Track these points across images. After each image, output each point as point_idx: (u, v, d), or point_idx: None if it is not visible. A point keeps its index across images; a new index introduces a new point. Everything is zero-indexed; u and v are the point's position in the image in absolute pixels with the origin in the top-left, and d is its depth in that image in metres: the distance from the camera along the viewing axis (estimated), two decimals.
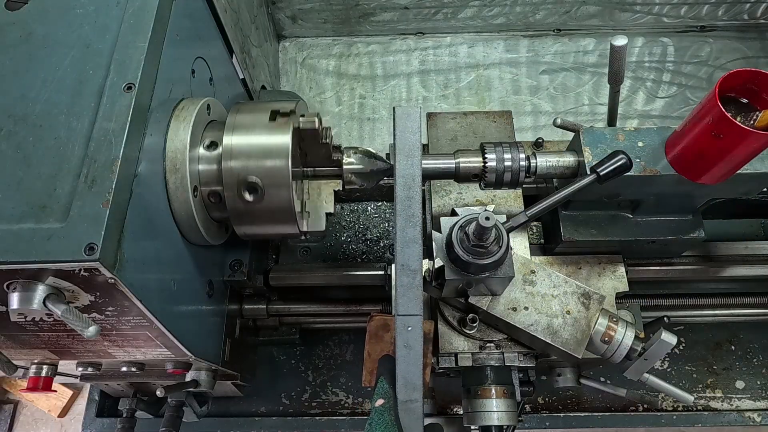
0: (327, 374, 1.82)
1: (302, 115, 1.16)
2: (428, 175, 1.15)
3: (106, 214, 0.85)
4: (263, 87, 1.92)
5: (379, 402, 0.89)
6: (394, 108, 1.01)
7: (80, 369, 1.27)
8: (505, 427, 1.17)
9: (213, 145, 1.14)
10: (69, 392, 2.52)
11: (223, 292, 1.43)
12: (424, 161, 1.12)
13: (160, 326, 1.01)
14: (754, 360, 1.80)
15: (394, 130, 1.00)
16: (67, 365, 1.25)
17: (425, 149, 1.56)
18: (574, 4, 2.13)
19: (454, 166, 1.15)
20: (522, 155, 1.12)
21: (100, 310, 0.96)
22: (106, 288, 0.89)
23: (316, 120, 1.14)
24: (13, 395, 2.58)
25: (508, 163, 1.12)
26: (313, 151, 1.21)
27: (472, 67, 2.25)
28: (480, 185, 1.18)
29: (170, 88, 1.10)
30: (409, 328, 0.90)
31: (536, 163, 1.13)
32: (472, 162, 1.14)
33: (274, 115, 1.14)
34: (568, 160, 1.14)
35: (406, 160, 0.99)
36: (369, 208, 1.94)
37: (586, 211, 1.27)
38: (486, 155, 1.13)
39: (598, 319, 1.14)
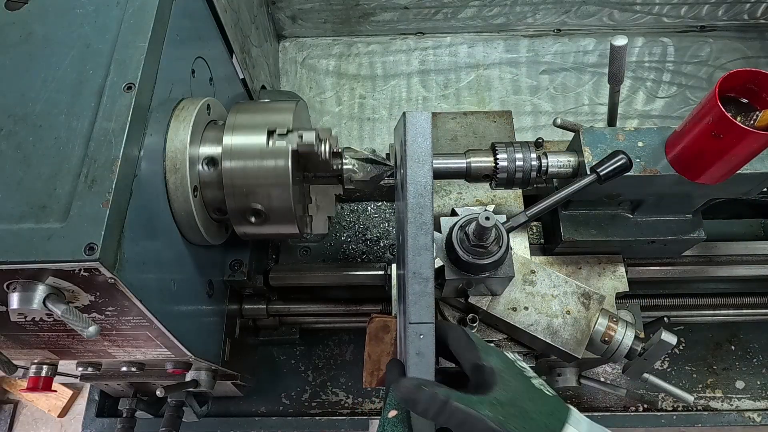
0: (327, 374, 1.82)
1: (300, 136, 1.13)
2: (439, 175, 1.16)
3: (106, 214, 0.85)
4: (263, 87, 1.92)
5: (392, 413, 0.87)
6: (404, 113, 0.99)
7: (80, 369, 1.27)
8: None
9: (213, 142, 1.14)
10: (69, 392, 2.52)
11: (223, 292, 1.43)
12: (435, 161, 1.12)
13: (160, 326, 1.01)
14: (754, 360, 1.80)
15: (404, 135, 0.97)
16: (67, 365, 1.25)
17: None
18: (574, 4, 2.13)
19: (465, 166, 1.15)
20: (533, 155, 1.13)
21: (100, 310, 0.96)
22: (106, 288, 0.89)
23: (314, 140, 1.12)
24: (13, 395, 2.58)
25: (519, 163, 1.12)
26: (313, 163, 1.20)
27: (472, 67, 2.25)
28: (491, 185, 1.18)
29: (170, 88, 1.10)
30: (422, 336, 0.89)
31: (547, 162, 1.13)
32: (484, 162, 1.15)
33: (270, 135, 1.12)
34: (568, 159, 1.14)
35: (418, 166, 0.96)
36: (369, 208, 1.94)
37: (586, 211, 1.27)
38: (497, 155, 1.13)
39: (598, 319, 1.14)
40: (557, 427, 0.77)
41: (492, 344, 0.92)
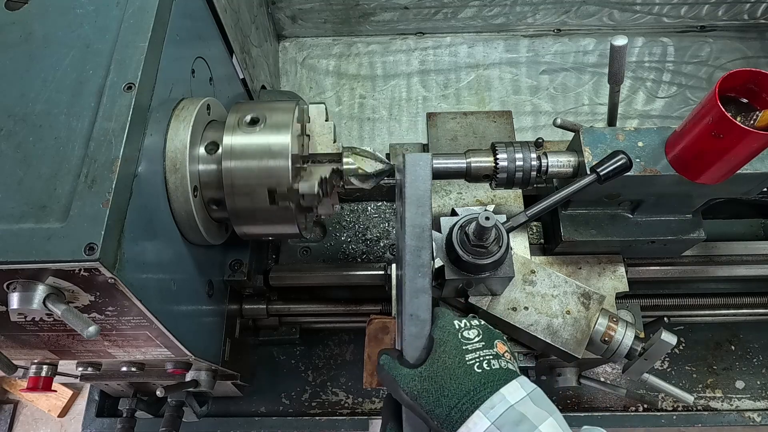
0: (327, 374, 1.82)
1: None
2: (439, 175, 1.16)
3: (106, 214, 0.85)
4: (263, 87, 1.92)
5: None
6: (403, 155, 0.98)
7: (80, 369, 1.27)
8: None
9: (213, 142, 1.14)
10: (69, 392, 2.52)
11: (223, 292, 1.43)
12: (435, 161, 1.13)
13: (160, 326, 1.01)
14: (754, 360, 1.80)
15: (404, 178, 0.97)
16: (67, 365, 1.25)
17: (424, 149, 1.56)
18: (574, 4, 2.13)
19: (465, 165, 1.15)
20: (533, 155, 1.13)
21: (100, 310, 0.96)
22: (106, 288, 0.89)
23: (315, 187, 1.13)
24: (13, 395, 2.58)
25: (519, 163, 1.13)
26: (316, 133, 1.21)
27: (472, 67, 2.25)
28: (491, 185, 1.18)
29: (170, 88, 1.10)
30: None
31: (547, 162, 1.14)
32: (483, 162, 1.15)
33: (272, 196, 1.13)
34: (568, 159, 1.15)
35: (416, 209, 0.95)
36: (369, 208, 1.94)
37: (586, 211, 1.27)
38: (497, 155, 1.13)
39: (598, 319, 1.14)
40: (467, 409, 0.78)
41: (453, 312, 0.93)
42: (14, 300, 0.87)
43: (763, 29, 2.20)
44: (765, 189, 1.22)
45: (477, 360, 0.83)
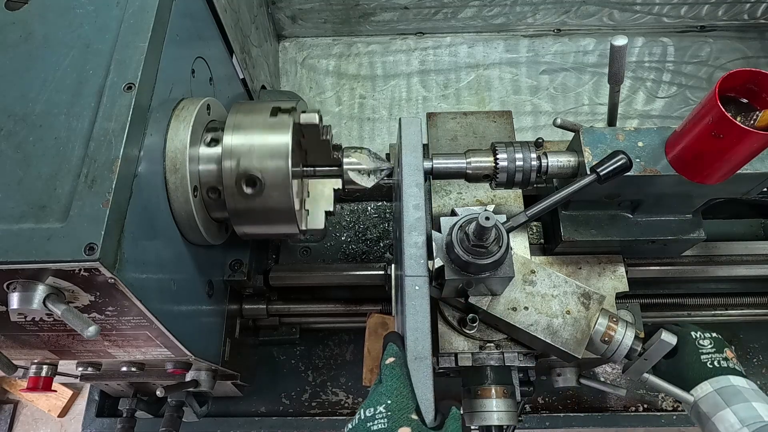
0: (327, 374, 1.82)
1: (303, 112, 1.16)
2: (439, 175, 1.16)
3: (106, 214, 0.85)
4: (263, 87, 1.92)
5: (390, 360, 0.88)
6: (400, 118, 1.13)
7: (80, 369, 1.27)
8: (505, 427, 1.17)
9: (214, 141, 1.14)
10: (69, 392, 2.53)
11: (223, 292, 1.43)
12: (435, 161, 1.15)
13: (160, 326, 1.01)
14: (754, 360, 1.80)
15: (400, 132, 1.08)
16: (67, 365, 1.25)
17: (425, 149, 1.56)
18: (574, 4, 2.13)
19: (465, 165, 1.15)
20: (533, 155, 1.13)
21: (100, 310, 0.96)
22: (106, 288, 0.89)
23: (317, 116, 1.14)
24: (13, 395, 2.59)
25: (519, 163, 1.13)
26: (314, 148, 1.21)
27: (472, 67, 2.25)
28: (491, 185, 1.18)
29: (170, 88, 1.10)
30: (417, 288, 0.89)
31: (547, 163, 1.14)
32: (483, 162, 1.15)
33: (276, 112, 1.14)
34: (568, 159, 1.15)
35: (411, 153, 1.10)
36: (369, 208, 1.94)
37: (586, 211, 1.27)
38: (497, 155, 1.13)
39: (598, 319, 1.14)
40: (698, 382, 1.18)
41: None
42: (14, 300, 0.87)
43: (763, 29, 2.20)
44: (765, 189, 1.22)
45: (709, 359, 1.16)
